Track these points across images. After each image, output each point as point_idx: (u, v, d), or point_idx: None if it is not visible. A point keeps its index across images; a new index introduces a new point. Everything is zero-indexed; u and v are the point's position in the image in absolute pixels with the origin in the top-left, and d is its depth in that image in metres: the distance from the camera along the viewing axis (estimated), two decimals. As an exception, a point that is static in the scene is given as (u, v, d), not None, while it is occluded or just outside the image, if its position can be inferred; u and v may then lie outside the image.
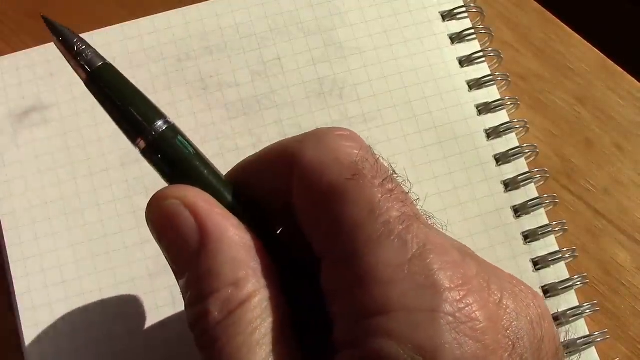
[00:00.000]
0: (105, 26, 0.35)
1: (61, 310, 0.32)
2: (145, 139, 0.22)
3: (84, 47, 0.23)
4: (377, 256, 0.19)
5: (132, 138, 0.23)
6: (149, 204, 0.22)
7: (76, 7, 0.37)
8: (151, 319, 0.32)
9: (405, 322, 0.18)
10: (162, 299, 0.32)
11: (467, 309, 0.19)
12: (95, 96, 0.23)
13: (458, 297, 0.19)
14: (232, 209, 0.22)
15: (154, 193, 0.22)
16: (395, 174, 0.21)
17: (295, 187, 0.22)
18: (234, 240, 0.21)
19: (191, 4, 0.36)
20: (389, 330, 0.18)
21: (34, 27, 0.36)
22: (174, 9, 0.36)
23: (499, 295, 0.20)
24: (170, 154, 0.22)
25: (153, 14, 0.36)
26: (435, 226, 0.22)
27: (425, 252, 0.19)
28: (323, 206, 0.21)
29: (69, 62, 0.23)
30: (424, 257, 0.19)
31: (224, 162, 0.34)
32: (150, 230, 0.22)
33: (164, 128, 0.22)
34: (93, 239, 0.33)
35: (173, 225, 0.21)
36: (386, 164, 0.22)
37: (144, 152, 0.23)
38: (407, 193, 0.21)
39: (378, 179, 0.21)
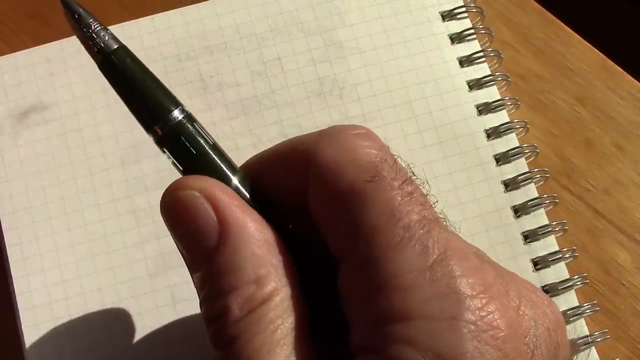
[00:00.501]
0: (105, 26, 0.35)
1: (61, 310, 0.32)
2: (162, 127, 0.21)
3: (100, 27, 0.22)
4: (397, 262, 0.19)
5: (148, 125, 0.22)
6: (164, 194, 0.21)
7: (76, 7, 0.37)
8: (151, 319, 0.32)
9: (426, 330, 0.18)
10: (162, 299, 0.32)
11: (488, 317, 0.18)
12: (109, 80, 0.22)
13: (480, 305, 0.18)
14: (250, 203, 0.21)
15: (170, 183, 0.21)
16: (414, 175, 0.21)
17: (310, 185, 0.21)
18: (254, 235, 0.20)
19: (191, 4, 0.36)
20: (409, 337, 0.18)
21: (34, 27, 0.36)
22: (174, 9, 0.36)
23: (518, 302, 0.20)
24: (189, 143, 0.22)
25: (153, 14, 0.36)
26: (450, 229, 0.21)
27: (446, 258, 0.19)
28: (341, 207, 0.20)
29: (82, 43, 0.22)
30: (445, 263, 0.19)
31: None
32: (165, 221, 0.21)
33: (182, 117, 0.22)
34: (93, 239, 0.33)
35: (191, 218, 0.20)
36: (404, 165, 0.21)
37: (160, 141, 0.22)
38: (426, 195, 0.21)
39: (397, 181, 0.20)
